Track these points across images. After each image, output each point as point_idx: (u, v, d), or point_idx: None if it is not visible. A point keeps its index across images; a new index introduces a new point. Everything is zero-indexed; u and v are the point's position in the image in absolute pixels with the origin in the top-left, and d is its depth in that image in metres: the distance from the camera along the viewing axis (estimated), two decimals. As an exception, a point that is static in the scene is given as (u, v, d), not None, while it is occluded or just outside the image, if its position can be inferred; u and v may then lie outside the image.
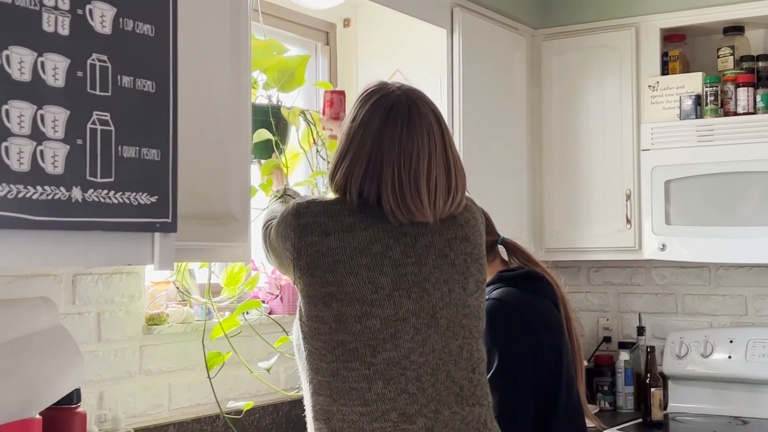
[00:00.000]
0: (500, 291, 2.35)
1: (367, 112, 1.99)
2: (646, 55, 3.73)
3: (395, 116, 1.96)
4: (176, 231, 1.80)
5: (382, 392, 1.91)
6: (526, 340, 2.29)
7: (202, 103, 2.12)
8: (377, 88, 2.03)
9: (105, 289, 2.54)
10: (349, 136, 2.00)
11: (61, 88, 1.59)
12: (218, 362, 2.71)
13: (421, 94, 2.04)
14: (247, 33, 2.27)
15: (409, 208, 1.93)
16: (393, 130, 1.95)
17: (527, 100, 3.87)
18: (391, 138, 1.95)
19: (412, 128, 1.95)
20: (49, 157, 1.57)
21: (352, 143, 1.98)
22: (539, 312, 2.36)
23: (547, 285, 2.41)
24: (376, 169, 1.94)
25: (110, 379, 2.54)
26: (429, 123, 1.98)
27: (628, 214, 3.72)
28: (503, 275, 2.41)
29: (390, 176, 1.93)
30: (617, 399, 3.91)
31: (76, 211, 1.61)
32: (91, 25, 1.64)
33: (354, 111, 2.02)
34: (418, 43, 3.46)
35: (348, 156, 1.98)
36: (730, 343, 3.74)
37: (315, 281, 1.93)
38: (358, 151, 1.97)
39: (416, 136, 1.95)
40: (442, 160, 1.97)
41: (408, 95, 2.01)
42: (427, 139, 1.96)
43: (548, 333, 2.34)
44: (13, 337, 1.93)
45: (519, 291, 2.35)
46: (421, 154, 1.94)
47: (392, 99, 1.99)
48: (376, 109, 1.98)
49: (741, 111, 3.53)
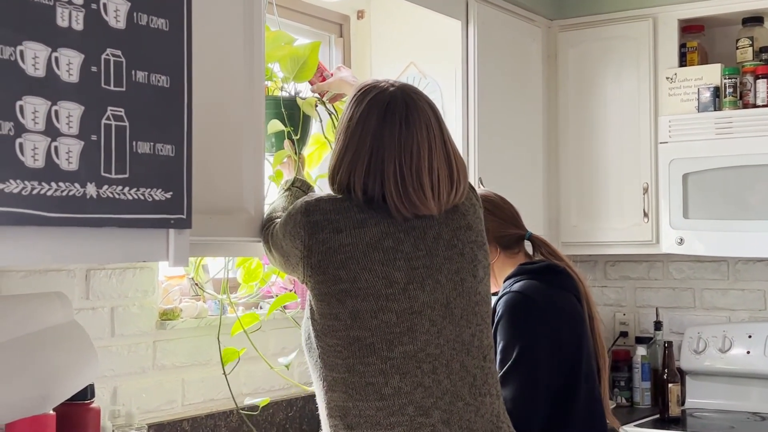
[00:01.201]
0: (521, 284, 2.35)
1: (364, 111, 1.99)
2: (664, 46, 3.69)
3: (393, 112, 1.97)
4: (191, 227, 1.81)
5: (399, 386, 1.91)
6: (545, 334, 2.28)
7: (215, 97, 2.12)
8: (371, 86, 2.03)
9: (118, 284, 2.54)
10: (348, 135, 1.99)
11: (75, 83, 1.59)
12: (234, 358, 2.70)
13: (415, 89, 2.04)
14: (261, 26, 2.27)
15: (413, 202, 1.94)
16: (392, 126, 1.96)
17: (543, 92, 3.84)
18: (391, 134, 1.95)
19: (411, 123, 1.96)
20: (63, 153, 1.57)
21: (351, 142, 1.98)
22: (559, 305, 2.35)
23: (568, 279, 2.41)
24: (378, 166, 1.94)
25: (124, 374, 2.54)
26: (427, 117, 1.99)
27: (646, 208, 3.69)
28: (525, 268, 2.41)
29: (392, 172, 1.93)
30: (634, 394, 3.89)
31: (91, 207, 1.62)
32: (105, 20, 1.64)
33: (350, 110, 2.02)
34: (432, 35, 3.43)
35: (348, 154, 1.98)
36: (748, 338, 3.71)
37: (327, 279, 1.93)
38: (358, 149, 1.97)
39: (415, 130, 1.96)
40: (442, 153, 1.98)
41: (403, 91, 2.01)
42: (426, 133, 1.97)
43: (567, 326, 2.34)
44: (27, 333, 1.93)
45: (540, 284, 2.35)
46: (421, 148, 1.95)
47: (388, 95, 1.99)
48: (373, 106, 1.98)
49: (760, 103, 3.49)
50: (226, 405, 2.79)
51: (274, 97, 2.55)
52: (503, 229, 2.46)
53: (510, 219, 2.49)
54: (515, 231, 2.48)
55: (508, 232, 2.47)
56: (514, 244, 2.49)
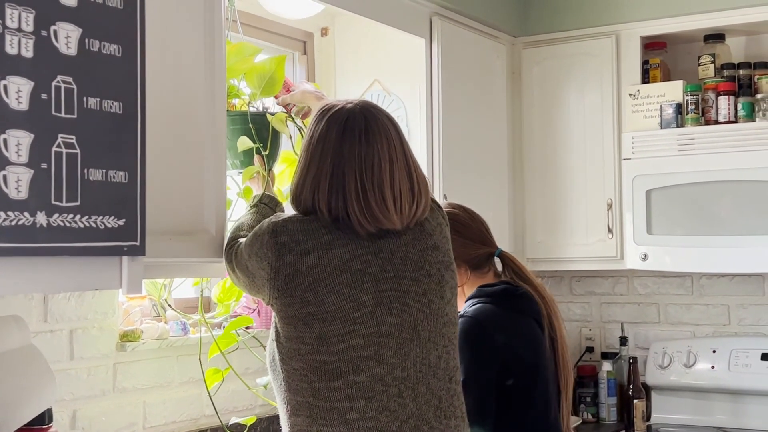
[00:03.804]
0: (476, 308, 2.33)
1: (323, 128, 1.99)
2: (627, 63, 3.72)
3: (352, 127, 1.97)
4: (144, 254, 1.80)
5: (364, 410, 1.90)
6: (492, 360, 2.27)
7: (175, 117, 2.11)
8: (331, 105, 2.04)
9: (77, 306, 2.51)
10: (309, 153, 1.99)
11: (25, 111, 1.58)
12: (218, 378, 2.68)
13: (374, 105, 2.05)
14: (222, 43, 2.26)
15: (375, 215, 1.93)
16: (351, 141, 1.95)
17: (508, 108, 3.86)
18: (351, 149, 1.95)
19: (370, 137, 1.96)
20: (12, 182, 1.55)
21: (313, 159, 1.98)
22: (513, 330, 2.33)
23: (528, 302, 2.39)
24: (340, 181, 1.94)
25: (83, 397, 2.51)
26: (387, 130, 1.99)
27: (610, 224, 3.71)
28: (483, 290, 2.39)
29: (354, 187, 1.93)
30: (600, 410, 3.89)
31: (42, 236, 1.60)
32: (55, 47, 1.63)
33: (311, 129, 2.02)
34: (396, 52, 3.44)
35: (310, 172, 1.97)
36: (713, 353, 3.74)
37: (294, 301, 1.91)
38: (320, 166, 1.96)
39: (376, 143, 1.96)
40: (403, 166, 1.98)
41: (362, 106, 2.02)
42: (387, 146, 1.97)
43: (522, 351, 2.32)
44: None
45: (496, 307, 2.33)
46: (382, 161, 1.95)
47: (347, 111, 1.99)
48: (332, 123, 1.98)
49: (722, 119, 3.52)
50: (188, 427, 2.77)
51: (242, 113, 2.53)
52: (473, 250, 2.44)
53: (478, 238, 2.46)
54: (485, 249, 2.46)
55: (478, 252, 2.45)
56: (484, 263, 2.46)
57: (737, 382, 3.65)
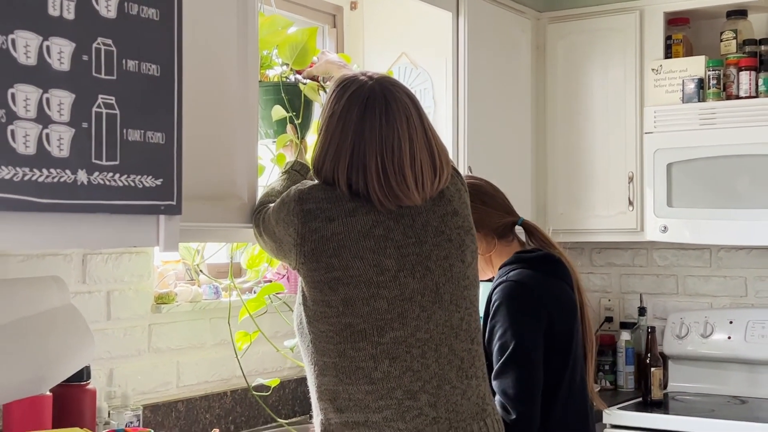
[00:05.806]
0: (517, 273, 2.36)
1: (344, 106, 2.00)
2: (650, 38, 3.74)
3: (372, 106, 1.98)
4: (181, 213, 1.83)
5: (388, 370, 1.94)
6: (540, 325, 2.31)
7: (208, 84, 2.14)
8: (350, 80, 2.04)
9: (114, 268, 2.57)
10: (329, 131, 2.01)
11: (67, 71, 1.61)
12: (247, 341, 2.74)
13: (394, 81, 2.06)
14: (254, 13, 2.27)
15: (396, 194, 1.96)
16: (372, 121, 1.97)
17: (532, 82, 3.89)
18: (371, 129, 1.97)
19: (391, 116, 1.98)
20: (54, 141, 1.58)
21: (333, 137, 1.99)
22: (555, 294, 2.37)
23: (563, 268, 2.42)
24: (361, 161, 1.96)
25: (120, 356, 2.58)
26: (406, 108, 2.00)
27: (631, 197, 3.75)
28: (521, 256, 2.42)
29: (375, 166, 1.95)
30: (618, 378, 3.94)
31: (82, 193, 1.63)
32: (96, 9, 1.66)
33: (330, 106, 2.03)
34: (424, 26, 3.47)
35: (331, 150, 1.99)
36: (729, 323, 3.77)
37: (320, 266, 1.96)
38: (340, 144, 1.98)
39: (396, 123, 1.98)
40: (423, 143, 2.00)
41: (381, 84, 2.02)
42: (407, 125, 1.99)
43: (562, 315, 2.36)
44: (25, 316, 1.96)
45: (536, 273, 2.36)
46: (402, 141, 1.97)
47: (367, 90, 2.00)
48: (353, 101, 2.00)
49: (743, 94, 3.54)
50: (219, 387, 2.84)
51: (275, 83, 2.55)
52: (498, 219, 2.47)
53: (503, 207, 2.50)
54: (509, 218, 2.49)
55: (503, 221, 2.47)
56: (509, 232, 2.49)
57: (753, 352, 3.68)
